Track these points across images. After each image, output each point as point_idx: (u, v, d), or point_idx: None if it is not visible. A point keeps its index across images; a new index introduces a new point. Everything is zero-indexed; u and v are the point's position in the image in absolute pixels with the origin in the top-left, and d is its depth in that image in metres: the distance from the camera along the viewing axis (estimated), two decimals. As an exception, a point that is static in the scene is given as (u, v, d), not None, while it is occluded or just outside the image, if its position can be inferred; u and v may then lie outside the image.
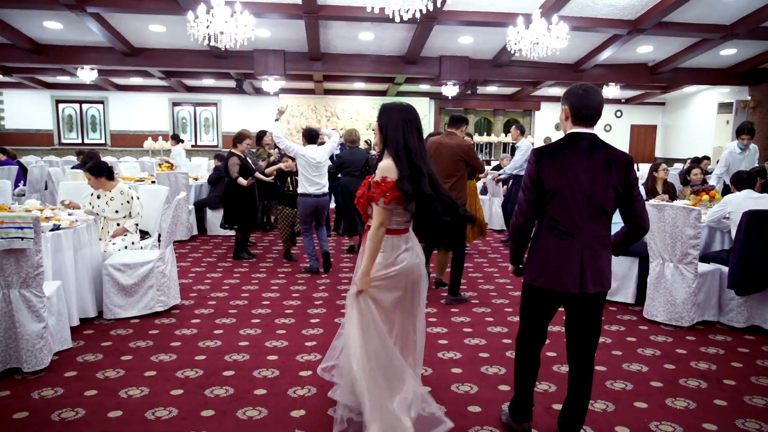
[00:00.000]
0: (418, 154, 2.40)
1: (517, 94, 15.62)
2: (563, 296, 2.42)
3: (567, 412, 2.55)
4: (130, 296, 4.30)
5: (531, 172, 2.40)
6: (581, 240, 2.34)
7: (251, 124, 15.23)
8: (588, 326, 2.47)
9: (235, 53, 10.55)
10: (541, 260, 2.42)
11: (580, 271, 2.33)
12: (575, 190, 2.32)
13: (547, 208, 2.39)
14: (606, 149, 2.37)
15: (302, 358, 3.56)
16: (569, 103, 2.41)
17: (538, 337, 2.60)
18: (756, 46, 10.03)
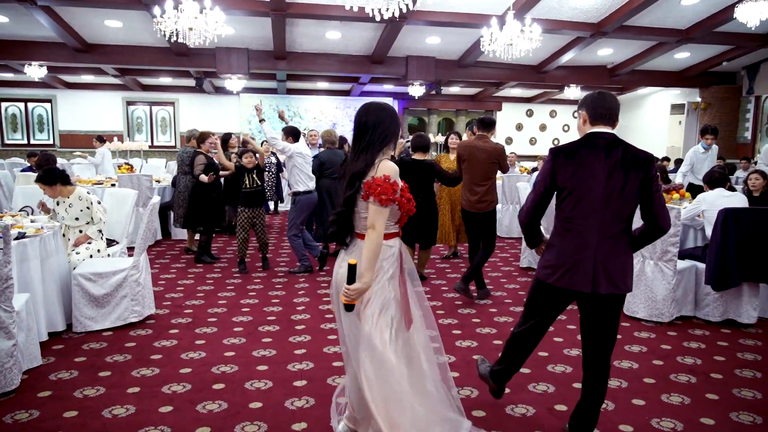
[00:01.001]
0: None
1: (479, 95, 15.83)
2: (575, 296, 2.41)
3: (580, 415, 2.53)
4: (102, 307, 4.03)
5: (545, 171, 2.40)
6: (596, 239, 2.31)
7: (211, 124, 14.79)
8: (602, 329, 2.41)
9: (197, 51, 10.21)
10: (554, 258, 2.41)
11: (593, 270, 2.30)
12: (591, 189, 2.30)
13: (561, 206, 2.39)
14: (624, 147, 2.32)
15: (294, 367, 3.43)
16: (585, 107, 2.42)
17: (537, 334, 2.61)
18: (707, 50, 10.53)
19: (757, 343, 3.99)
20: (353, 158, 2.24)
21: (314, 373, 3.34)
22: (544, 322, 2.59)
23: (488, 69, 11.46)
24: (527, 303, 2.64)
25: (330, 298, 2.41)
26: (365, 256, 2.14)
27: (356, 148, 2.26)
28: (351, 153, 2.29)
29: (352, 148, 2.31)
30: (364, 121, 2.26)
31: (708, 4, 8.18)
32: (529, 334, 2.62)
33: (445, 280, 5.71)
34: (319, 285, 5.43)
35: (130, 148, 12.26)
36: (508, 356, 2.69)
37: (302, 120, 15.37)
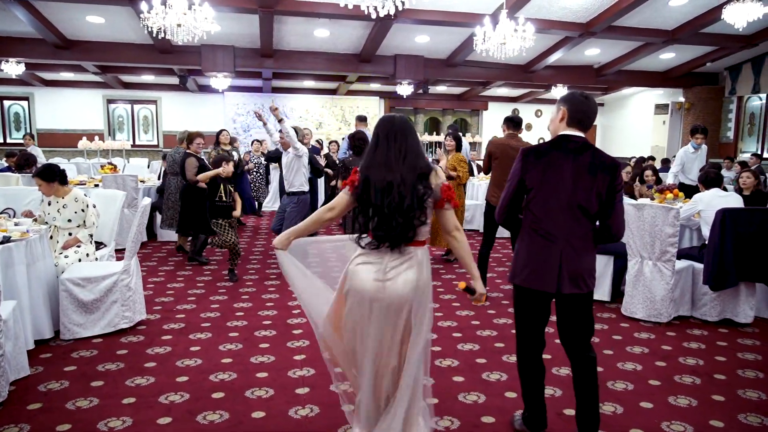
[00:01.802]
0: None
1: (465, 94, 15.83)
2: (545, 296, 2.44)
3: (581, 414, 2.52)
4: (91, 313, 3.88)
5: (515, 170, 2.44)
6: (561, 240, 2.35)
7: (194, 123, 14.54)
8: (573, 325, 2.47)
9: (181, 48, 10.00)
10: (522, 259, 2.45)
11: (558, 270, 2.35)
12: (558, 191, 2.35)
13: (530, 206, 2.42)
14: (593, 152, 2.39)
15: (295, 374, 3.33)
16: (569, 106, 2.42)
17: (536, 342, 2.56)
18: (692, 51, 10.67)
19: (756, 343, 4.01)
20: (392, 165, 2.13)
21: (316, 380, 3.24)
22: (535, 329, 2.53)
23: (477, 68, 11.45)
24: (515, 315, 2.61)
25: (350, 311, 2.23)
26: (469, 257, 2.25)
27: (389, 154, 2.16)
28: (379, 159, 2.16)
29: (376, 155, 2.18)
30: (395, 128, 2.21)
31: (695, 5, 8.27)
32: (529, 352, 2.56)
33: (440, 281, 5.66)
34: (314, 287, 5.32)
35: (111, 147, 11.96)
36: (527, 395, 2.61)
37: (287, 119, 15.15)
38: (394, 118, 2.26)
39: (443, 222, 2.24)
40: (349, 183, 2.22)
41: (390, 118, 2.27)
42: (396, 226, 2.10)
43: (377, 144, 2.21)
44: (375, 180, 2.14)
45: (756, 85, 11.17)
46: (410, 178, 2.12)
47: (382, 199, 2.11)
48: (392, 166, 2.14)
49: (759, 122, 11.57)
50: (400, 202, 2.10)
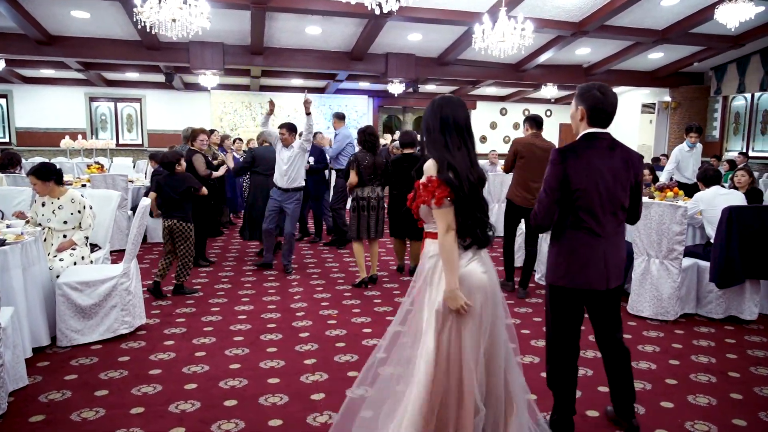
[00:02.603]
0: None
1: (454, 93, 15.82)
2: (591, 294, 2.45)
3: (618, 395, 2.61)
4: (89, 319, 3.73)
5: (557, 173, 2.37)
6: (605, 236, 2.39)
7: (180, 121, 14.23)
8: (614, 316, 2.55)
9: (169, 45, 9.77)
10: (565, 260, 2.43)
11: (605, 267, 2.39)
12: (600, 189, 2.36)
13: (573, 206, 2.39)
14: (621, 147, 2.46)
15: (308, 379, 3.23)
16: (586, 104, 2.41)
17: (574, 344, 2.55)
18: (680, 51, 10.78)
19: (763, 340, 4.03)
20: (473, 160, 2.13)
21: (331, 386, 3.15)
22: (572, 332, 2.53)
23: (468, 67, 11.42)
24: (549, 317, 2.58)
25: (482, 315, 2.09)
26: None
27: (466, 142, 2.14)
28: (458, 147, 2.11)
29: (458, 143, 2.12)
30: (467, 115, 2.18)
31: (685, 6, 8.34)
32: (566, 356, 2.53)
33: None
34: (314, 289, 5.22)
35: (95, 146, 11.64)
36: (557, 400, 2.57)
37: (275, 117, 14.95)
38: (454, 101, 2.17)
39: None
40: (445, 195, 2.04)
41: (451, 101, 2.17)
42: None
43: (450, 136, 2.11)
44: (468, 180, 2.08)
45: (741, 84, 11.36)
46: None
47: (478, 199, 2.12)
48: (474, 161, 2.12)
49: (744, 121, 11.76)
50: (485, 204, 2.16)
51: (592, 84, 2.42)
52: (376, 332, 4.04)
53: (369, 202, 5.22)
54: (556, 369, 2.54)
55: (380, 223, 5.34)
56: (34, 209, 4.19)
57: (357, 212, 5.23)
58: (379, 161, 5.29)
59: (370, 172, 5.22)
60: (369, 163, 5.21)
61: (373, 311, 4.57)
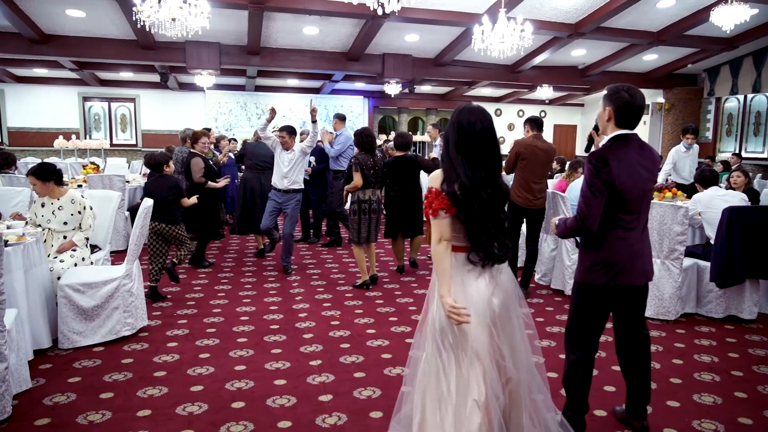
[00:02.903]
0: None
1: (449, 94, 15.85)
2: (626, 290, 2.50)
3: (635, 394, 2.65)
4: (91, 321, 3.69)
5: (603, 175, 2.37)
6: (638, 233, 2.47)
7: (175, 121, 14.19)
8: (643, 312, 2.64)
9: (165, 44, 9.71)
10: (606, 259, 2.45)
11: (642, 262, 2.47)
12: (638, 188, 2.42)
13: (612, 206, 2.42)
14: (648, 147, 2.53)
15: (314, 380, 3.22)
16: (614, 105, 2.44)
17: (596, 341, 2.59)
18: (674, 53, 10.86)
19: (763, 339, 4.07)
20: (494, 175, 2.08)
21: (338, 386, 3.14)
22: (599, 330, 2.57)
23: (464, 68, 11.44)
24: (576, 314, 2.59)
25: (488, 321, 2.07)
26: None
27: (485, 156, 2.07)
28: (476, 163, 2.05)
29: (473, 157, 2.05)
30: (489, 125, 2.10)
31: (681, 8, 8.41)
32: (586, 354, 2.56)
33: (428, 271, 5.61)
34: (315, 290, 5.20)
35: (89, 146, 11.53)
36: (572, 396, 2.60)
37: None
38: (474, 111, 2.10)
39: None
40: (441, 206, 2.03)
41: (471, 110, 2.10)
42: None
43: (465, 148, 2.07)
44: (480, 195, 2.05)
45: (734, 86, 11.47)
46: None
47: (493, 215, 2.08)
48: (491, 176, 2.08)
49: (737, 122, 11.88)
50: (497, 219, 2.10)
51: (621, 86, 2.45)
52: (380, 333, 4.04)
53: (370, 204, 5.21)
54: (577, 366, 2.56)
55: (378, 225, 5.37)
56: (33, 210, 4.14)
57: (359, 215, 5.19)
58: (378, 162, 5.32)
59: (372, 174, 5.24)
60: (370, 165, 5.22)
61: (376, 312, 4.56)
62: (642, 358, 2.63)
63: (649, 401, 2.67)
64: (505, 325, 2.12)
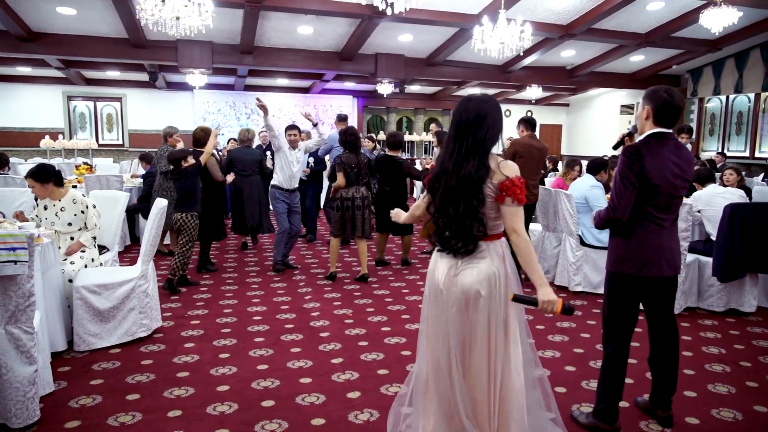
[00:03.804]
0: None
1: (438, 94, 15.95)
2: (657, 281, 2.58)
3: (662, 385, 2.74)
4: (107, 322, 3.66)
5: (636, 168, 2.47)
6: (668, 227, 2.56)
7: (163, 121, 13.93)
8: (672, 303, 2.72)
9: (156, 43, 9.60)
10: (636, 250, 2.55)
11: (671, 255, 2.57)
12: (669, 185, 2.51)
13: (650, 201, 2.51)
14: (684, 148, 2.61)
15: (339, 378, 3.24)
16: (654, 105, 2.55)
17: (631, 330, 2.68)
18: (659, 54, 11.12)
19: (765, 331, 4.21)
20: (459, 158, 2.09)
21: (363, 384, 3.17)
22: (632, 319, 2.67)
23: (456, 68, 11.54)
24: (611, 306, 2.68)
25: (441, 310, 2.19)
26: (532, 264, 2.09)
27: (459, 147, 2.11)
28: (451, 153, 2.12)
29: (451, 148, 2.14)
30: (468, 116, 2.12)
31: (669, 10, 8.62)
32: (621, 347, 2.65)
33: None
34: (323, 289, 5.22)
35: (77, 146, 11.32)
36: (607, 388, 2.67)
37: (260, 117, 14.82)
38: (466, 99, 2.16)
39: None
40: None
41: (465, 100, 2.17)
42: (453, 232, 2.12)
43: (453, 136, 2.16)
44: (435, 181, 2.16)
45: (716, 87, 11.78)
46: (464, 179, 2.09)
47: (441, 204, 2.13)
48: (458, 164, 2.10)
49: (719, 122, 12.22)
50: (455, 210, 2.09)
51: (660, 87, 2.57)
52: (395, 330, 4.08)
53: (354, 201, 5.31)
54: (613, 359, 2.64)
55: (366, 222, 5.39)
56: (36, 212, 4.07)
57: (341, 212, 5.34)
58: (362, 161, 5.39)
59: (355, 173, 5.32)
60: (354, 164, 5.32)
61: (387, 310, 4.60)
62: (671, 349, 2.72)
63: (674, 392, 2.76)
64: (454, 321, 2.14)
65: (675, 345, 2.73)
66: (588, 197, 4.96)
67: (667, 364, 2.74)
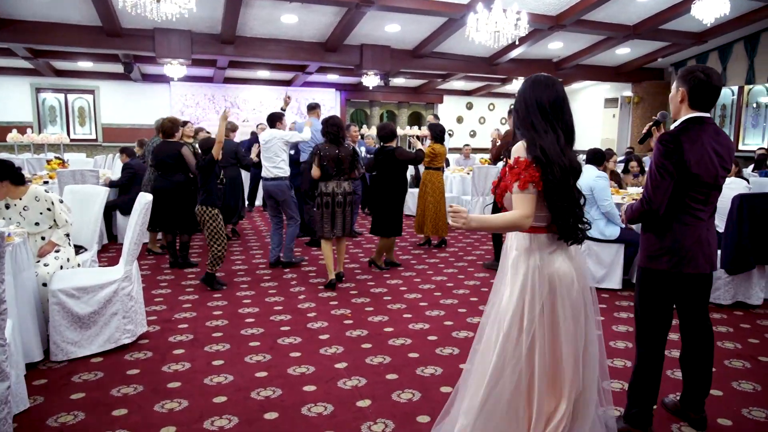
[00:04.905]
0: None
1: (422, 87, 15.75)
2: (693, 278, 2.40)
3: (695, 386, 2.58)
4: (88, 328, 3.35)
5: (675, 157, 2.27)
6: (706, 220, 2.39)
7: (138, 115, 13.51)
8: (706, 301, 2.53)
9: (132, 31, 9.15)
10: (672, 245, 2.36)
11: (707, 251, 2.38)
12: (710, 174, 2.32)
13: (687, 191, 2.32)
14: (724, 134, 2.43)
15: (345, 384, 3.00)
16: (688, 86, 2.34)
17: (666, 328, 2.50)
18: (646, 46, 11.10)
19: (775, 324, 4.12)
20: (563, 146, 1.94)
21: (373, 390, 2.94)
22: (668, 317, 2.48)
23: (442, 60, 11.34)
24: (644, 304, 2.50)
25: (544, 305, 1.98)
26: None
27: (550, 131, 1.94)
28: (551, 137, 1.92)
29: (544, 132, 1.93)
30: (564, 97, 2.00)
31: (659, 2, 8.56)
32: (657, 346, 2.47)
33: (426, 265, 5.64)
34: (316, 288, 4.96)
35: (47, 141, 10.77)
36: (642, 391, 2.49)
37: (240, 111, 14.44)
38: (540, 81, 1.99)
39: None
40: (530, 179, 1.90)
41: (537, 81, 1.99)
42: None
43: (536, 118, 1.96)
44: (559, 164, 1.92)
45: (700, 80, 11.81)
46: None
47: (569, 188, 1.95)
48: (564, 148, 1.94)
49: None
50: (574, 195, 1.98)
51: (696, 66, 2.36)
52: (398, 331, 3.86)
53: (334, 197, 4.88)
54: (646, 362, 2.47)
55: (347, 220, 4.97)
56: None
57: (321, 209, 4.91)
58: (344, 154, 4.90)
59: (334, 165, 4.87)
60: (332, 156, 4.86)
61: (387, 309, 4.37)
62: (706, 350, 2.56)
63: (708, 393, 2.60)
64: (578, 315, 2.00)
65: (710, 344, 2.57)
66: (594, 188, 4.80)
67: (701, 364, 2.58)
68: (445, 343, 3.65)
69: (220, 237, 4.78)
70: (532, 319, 1.95)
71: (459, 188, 9.19)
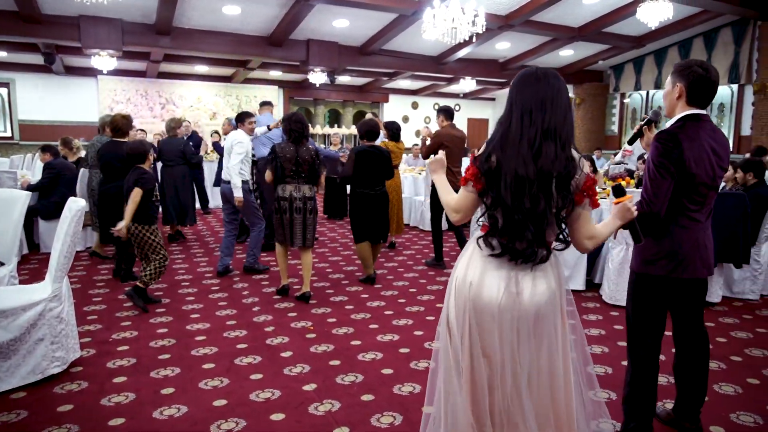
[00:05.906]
0: None
1: (367, 86, 15.51)
2: (689, 283, 2.30)
3: (689, 394, 2.46)
4: (7, 359, 2.85)
5: (675, 156, 2.15)
6: (703, 222, 2.30)
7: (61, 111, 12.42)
8: (701, 306, 2.44)
9: (54, 18, 8.31)
10: (667, 248, 2.25)
11: (704, 255, 2.29)
12: (708, 174, 2.22)
13: (680, 192, 2.21)
14: (720, 132, 2.33)
15: (317, 410, 2.69)
16: (687, 81, 2.23)
17: (659, 335, 2.38)
18: (588, 49, 11.40)
19: (737, 321, 4.18)
20: (539, 149, 1.65)
21: (349, 416, 2.64)
22: (657, 331, 2.36)
23: (390, 58, 11.16)
24: (637, 311, 2.37)
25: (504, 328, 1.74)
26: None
27: (536, 133, 1.67)
28: (525, 141, 1.67)
29: (519, 134, 1.69)
30: (549, 95, 1.69)
31: (605, 5, 8.75)
32: (651, 353, 2.35)
33: (384, 269, 5.35)
34: (270, 297, 4.59)
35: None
36: (638, 403, 2.35)
37: (176, 108, 13.61)
38: (525, 77, 1.74)
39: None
40: (468, 177, 1.76)
41: (523, 77, 1.75)
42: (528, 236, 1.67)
43: (511, 116, 1.73)
44: (506, 171, 1.67)
45: (637, 83, 12.33)
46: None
47: (514, 200, 1.65)
48: (539, 152, 1.66)
49: (640, 117, 12.81)
50: (534, 206, 1.65)
51: (693, 60, 2.24)
52: (367, 344, 3.58)
53: (292, 203, 4.40)
54: (640, 372, 2.33)
55: (309, 228, 4.48)
56: None
57: (279, 214, 4.42)
58: (304, 154, 4.44)
59: (292, 166, 4.40)
60: (291, 156, 4.39)
61: (351, 319, 4.08)
62: (700, 357, 2.46)
63: (703, 402, 2.50)
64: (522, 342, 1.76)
65: (705, 352, 2.47)
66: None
67: (696, 371, 2.48)
68: (419, 355, 3.41)
69: (160, 250, 4.25)
70: (458, 325, 1.78)
71: (411, 189, 9.01)
